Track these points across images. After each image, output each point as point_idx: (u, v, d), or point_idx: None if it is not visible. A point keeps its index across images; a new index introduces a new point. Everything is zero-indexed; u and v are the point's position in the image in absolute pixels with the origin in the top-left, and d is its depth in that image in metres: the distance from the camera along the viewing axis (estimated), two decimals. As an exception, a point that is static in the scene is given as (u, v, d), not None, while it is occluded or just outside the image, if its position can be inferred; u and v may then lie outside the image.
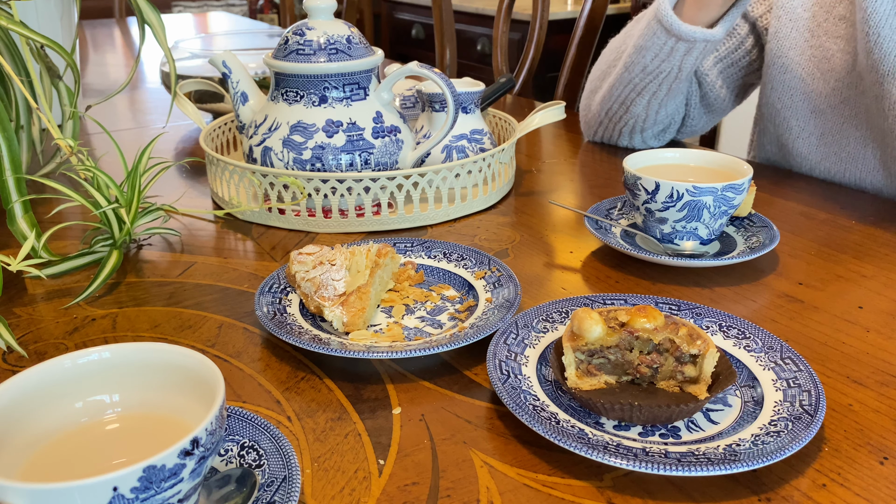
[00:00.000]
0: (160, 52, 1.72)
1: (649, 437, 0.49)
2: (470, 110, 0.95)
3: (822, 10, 0.88)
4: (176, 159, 1.09)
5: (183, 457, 0.35)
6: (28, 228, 0.71)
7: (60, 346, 0.61)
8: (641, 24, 0.93)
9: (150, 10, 0.78)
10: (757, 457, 0.44)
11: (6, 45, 0.78)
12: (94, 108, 0.93)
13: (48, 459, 0.39)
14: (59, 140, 0.71)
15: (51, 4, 1.10)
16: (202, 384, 0.40)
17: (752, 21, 0.98)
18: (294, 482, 0.42)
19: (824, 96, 0.88)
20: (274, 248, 0.79)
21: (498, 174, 0.90)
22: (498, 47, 1.70)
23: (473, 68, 3.29)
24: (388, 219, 0.82)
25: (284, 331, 0.58)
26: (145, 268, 0.75)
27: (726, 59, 1.00)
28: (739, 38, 0.99)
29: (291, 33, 0.85)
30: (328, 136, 0.82)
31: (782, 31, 0.91)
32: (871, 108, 0.83)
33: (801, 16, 0.89)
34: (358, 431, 0.51)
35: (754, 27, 0.98)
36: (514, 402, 0.49)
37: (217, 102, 1.18)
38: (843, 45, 0.86)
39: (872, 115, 0.83)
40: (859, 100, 0.85)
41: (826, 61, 0.88)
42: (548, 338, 0.59)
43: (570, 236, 0.82)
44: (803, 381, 0.52)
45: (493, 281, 0.67)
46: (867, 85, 0.82)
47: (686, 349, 0.51)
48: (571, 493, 0.45)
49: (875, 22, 0.78)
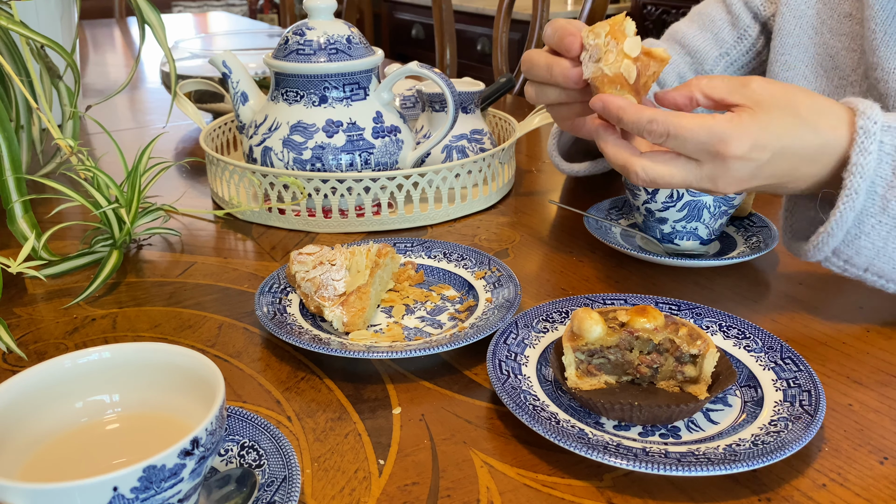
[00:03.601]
0: (160, 52, 1.72)
1: (649, 437, 0.49)
2: (470, 110, 0.95)
3: (827, 8, 0.88)
4: (176, 159, 1.09)
5: (183, 457, 0.35)
6: (28, 228, 0.71)
7: (60, 346, 0.61)
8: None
9: (150, 10, 0.78)
10: (757, 457, 0.44)
11: (6, 45, 0.78)
12: (94, 108, 0.93)
13: (48, 459, 0.39)
14: (59, 140, 0.71)
15: (51, 4, 1.10)
16: (202, 384, 0.40)
17: (764, 21, 0.97)
18: (294, 482, 0.42)
19: (827, 94, 0.88)
20: (274, 248, 0.79)
21: (498, 174, 0.90)
22: (498, 47, 1.70)
23: (473, 68, 3.29)
24: (388, 219, 0.82)
25: (284, 331, 0.58)
26: (145, 268, 0.75)
27: (738, 61, 0.99)
28: (751, 40, 0.98)
29: (291, 33, 0.85)
30: (328, 136, 0.82)
31: (786, 28, 0.90)
32: None
33: (806, 13, 0.89)
34: (358, 431, 0.51)
35: (765, 27, 0.97)
36: (514, 402, 0.49)
37: (217, 102, 1.18)
38: (848, 42, 0.85)
39: None
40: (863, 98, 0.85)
41: (830, 59, 0.87)
42: (548, 338, 0.59)
43: (570, 236, 0.82)
44: (803, 381, 0.52)
45: (493, 281, 0.67)
46: (871, 82, 0.82)
47: (686, 349, 0.51)
48: (571, 493, 0.45)
49: (882, 19, 0.78)
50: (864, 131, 0.55)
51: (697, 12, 1.02)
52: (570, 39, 0.62)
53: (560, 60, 0.64)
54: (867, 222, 0.57)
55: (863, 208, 0.57)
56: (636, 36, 0.59)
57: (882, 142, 0.56)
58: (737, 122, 0.55)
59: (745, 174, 0.56)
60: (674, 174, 0.57)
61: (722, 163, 0.55)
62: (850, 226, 0.57)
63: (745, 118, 0.55)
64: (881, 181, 0.56)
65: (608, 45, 0.59)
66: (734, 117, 0.55)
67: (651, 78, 0.60)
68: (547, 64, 0.65)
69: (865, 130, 0.55)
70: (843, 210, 0.56)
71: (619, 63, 0.59)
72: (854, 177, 0.56)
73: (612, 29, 0.59)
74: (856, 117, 0.56)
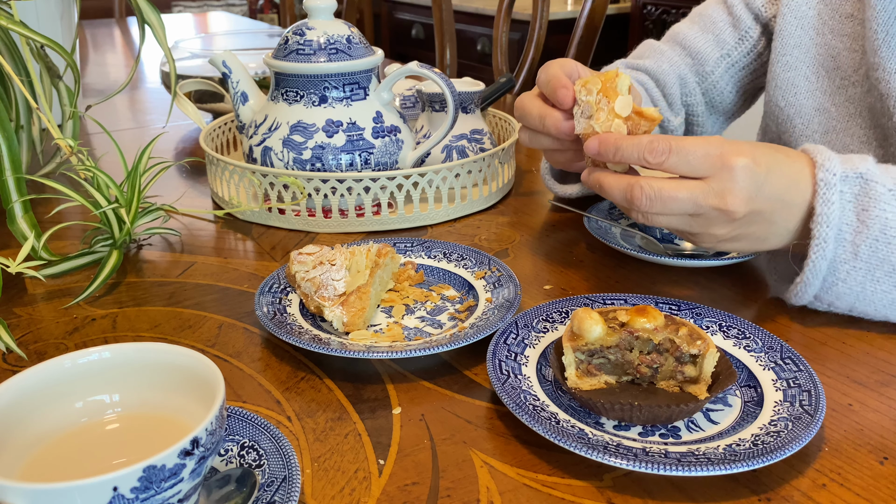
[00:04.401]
0: (160, 52, 1.72)
1: (649, 437, 0.49)
2: (470, 110, 0.95)
3: (828, 9, 0.88)
4: (176, 159, 1.09)
5: (183, 457, 0.35)
6: (28, 228, 0.71)
7: (60, 346, 0.61)
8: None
9: (150, 10, 0.78)
10: (757, 457, 0.44)
11: (6, 45, 0.78)
12: (94, 108, 0.93)
13: (48, 459, 0.39)
14: (59, 140, 0.71)
15: (51, 4, 1.10)
16: (202, 384, 0.40)
17: (765, 22, 0.97)
18: (294, 482, 0.42)
19: (829, 94, 0.88)
20: (274, 248, 0.79)
21: (498, 174, 0.90)
22: (498, 47, 1.70)
23: (473, 68, 3.29)
24: (388, 219, 0.82)
25: (284, 331, 0.58)
26: (145, 268, 0.75)
27: (738, 62, 0.99)
28: (752, 42, 0.98)
29: (291, 33, 0.85)
30: (328, 136, 0.82)
31: (787, 29, 0.90)
32: (874, 107, 0.83)
33: (807, 14, 0.89)
34: (358, 431, 0.51)
35: (767, 28, 0.97)
36: (514, 402, 0.49)
37: (217, 102, 1.18)
38: (850, 42, 0.85)
39: (876, 113, 0.83)
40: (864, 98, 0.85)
41: (832, 59, 0.87)
42: (548, 338, 0.59)
43: (570, 236, 0.82)
44: (803, 381, 0.52)
45: (493, 281, 0.67)
46: (872, 83, 0.82)
47: (686, 349, 0.51)
48: (571, 493, 0.45)
49: (884, 20, 0.78)
50: (825, 183, 0.58)
51: (698, 13, 1.02)
52: (562, 93, 0.64)
53: (552, 112, 0.66)
54: (841, 269, 0.59)
55: (834, 256, 0.59)
56: (628, 95, 0.59)
57: (842, 191, 0.58)
58: (730, 142, 0.57)
59: (752, 188, 0.57)
60: (678, 187, 0.56)
61: (729, 172, 0.56)
62: (825, 273, 0.60)
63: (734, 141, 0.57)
64: (847, 227, 0.58)
65: (599, 102, 0.59)
66: (726, 140, 0.57)
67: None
68: (540, 115, 0.67)
69: (826, 182, 0.58)
70: (815, 259, 0.59)
71: (609, 122, 0.59)
72: (820, 226, 0.58)
73: (603, 86, 0.59)
74: (815, 169, 0.59)
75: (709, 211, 0.57)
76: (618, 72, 0.60)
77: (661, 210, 0.57)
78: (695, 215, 0.57)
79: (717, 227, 0.58)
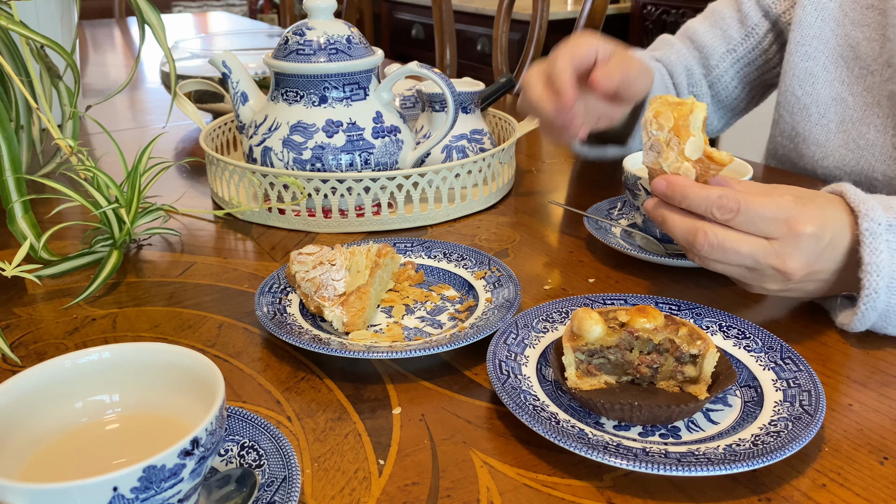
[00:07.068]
0: (160, 52, 1.72)
1: (649, 437, 0.49)
2: (470, 110, 0.95)
3: (850, 0, 0.89)
4: (176, 159, 1.09)
5: (183, 457, 0.35)
6: (28, 228, 0.71)
7: (60, 346, 0.61)
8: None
9: (150, 10, 0.78)
10: (757, 457, 0.44)
11: (6, 45, 0.78)
12: (94, 108, 0.93)
13: (48, 459, 0.39)
14: (59, 140, 0.71)
15: (51, 4, 1.10)
16: (202, 384, 0.40)
17: (774, 19, 0.99)
18: (294, 482, 0.42)
19: (847, 84, 0.89)
20: (274, 248, 0.79)
21: (498, 174, 0.90)
22: (498, 47, 1.70)
23: (473, 68, 3.29)
24: (388, 219, 0.82)
25: (284, 331, 0.58)
26: (145, 268, 0.75)
27: (744, 58, 1.02)
28: (758, 38, 1.00)
29: (291, 33, 0.85)
30: (328, 136, 0.82)
31: (807, 20, 0.92)
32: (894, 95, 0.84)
33: (828, 6, 0.90)
34: (358, 431, 0.51)
35: (776, 24, 0.99)
36: (514, 402, 0.49)
37: (217, 102, 1.18)
38: (870, 33, 0.87)
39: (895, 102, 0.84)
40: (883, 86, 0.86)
41: (851, 49, 0.89)
42: (548, 338, 0.59)
43: (570, 236, 0.82)
44: (803, 381, 0.52)
45: (493, 281, 0.67)
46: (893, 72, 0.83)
47: (686, 349, 0.51)
48: (571, 493, 0.45)
49: None
50: (871, 233, 0.57)
51: (711, 9, 1.06)
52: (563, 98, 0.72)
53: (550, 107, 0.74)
54: (893, 317, 0.59)
55: (886, 305, 0.58)
56: (702, 131, 0.57)
57: (888, 240, 0.57)
58: (800, 204, 0.56)
59: (813, 255, 0.56)
60: (742, 241, 0.55)
61: (795, 238, 0.55)
62: (875, 321, 0.59)
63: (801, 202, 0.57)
64: None
65: (670, 142, 0.57)
66: (795, 199, 0.56)
67: (711, 178, 0.58)
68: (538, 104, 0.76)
69: (871, 232, 0.57)
70: (865, 311, 0.58)
71: (678, 164, 0.57)
72: (871, 276, 0.57)
73: (675, 124, 0.57)
74: (858, 219, 0.58)
75: (766, 269, 0.56)
76: (694, 101, 0.58)
77: (721, 259, 0.57)
78: (752, 269, 0.57)
79: (771, 283, 0.58)
